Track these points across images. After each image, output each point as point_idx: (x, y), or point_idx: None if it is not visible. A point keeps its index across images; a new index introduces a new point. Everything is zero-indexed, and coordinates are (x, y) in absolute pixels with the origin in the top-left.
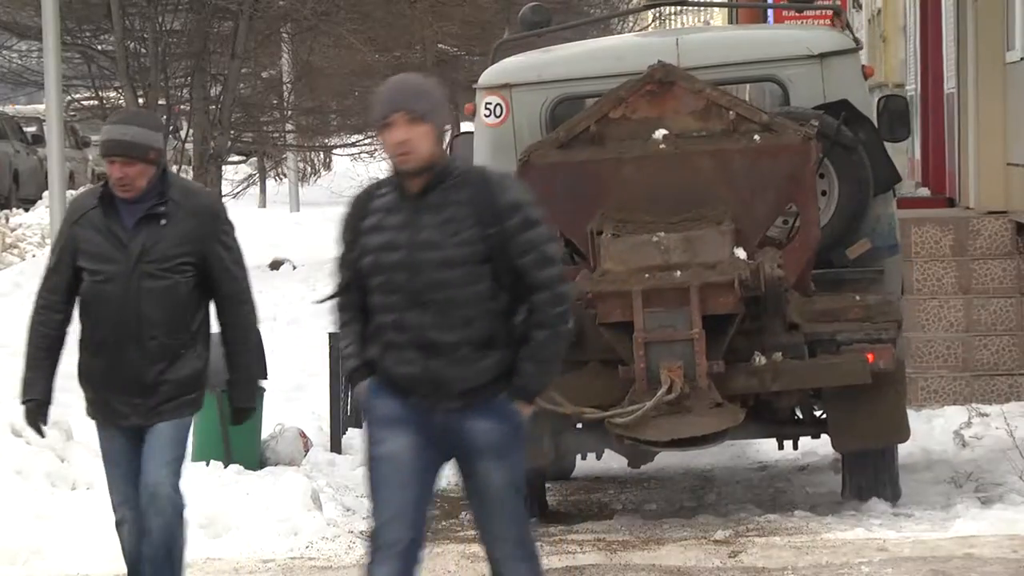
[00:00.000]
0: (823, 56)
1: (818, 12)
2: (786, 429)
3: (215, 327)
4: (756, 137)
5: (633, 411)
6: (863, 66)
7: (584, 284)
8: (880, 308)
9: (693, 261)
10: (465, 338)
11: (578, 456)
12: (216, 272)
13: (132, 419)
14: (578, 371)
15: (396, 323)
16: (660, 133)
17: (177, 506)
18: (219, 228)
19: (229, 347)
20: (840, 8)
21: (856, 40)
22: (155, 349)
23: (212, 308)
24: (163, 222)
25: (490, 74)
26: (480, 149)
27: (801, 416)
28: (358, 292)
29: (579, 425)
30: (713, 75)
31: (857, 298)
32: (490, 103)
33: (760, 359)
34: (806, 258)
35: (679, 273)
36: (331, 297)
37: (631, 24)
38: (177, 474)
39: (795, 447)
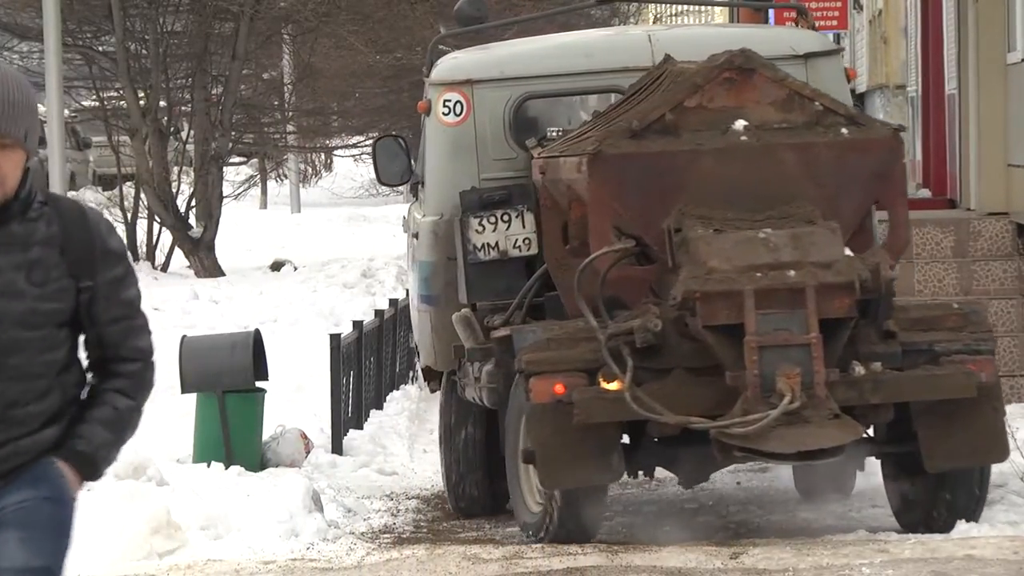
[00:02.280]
0: (808, 56)
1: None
2: (884, 447)
3: (215, 328)
4: (844, 131)
5: (755, 421)
6: (845, 68)
7: (692, 283)
8: (976, 316)
9: (805, 260)
10: (39, 413)
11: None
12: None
13: None
14: (661, 380)
15: None
16: (740, 124)
17: None
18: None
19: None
20: (804, 8)
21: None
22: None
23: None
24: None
25: (449, 69)
26: (435, 150)
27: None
28: None
29: (655, 438)
30: None
31: (955, 306)
32: (449, 100)
33: (859, 369)
34: (894, 262)
35: (792, 273)
36: None
37: (583, 21)
38: None
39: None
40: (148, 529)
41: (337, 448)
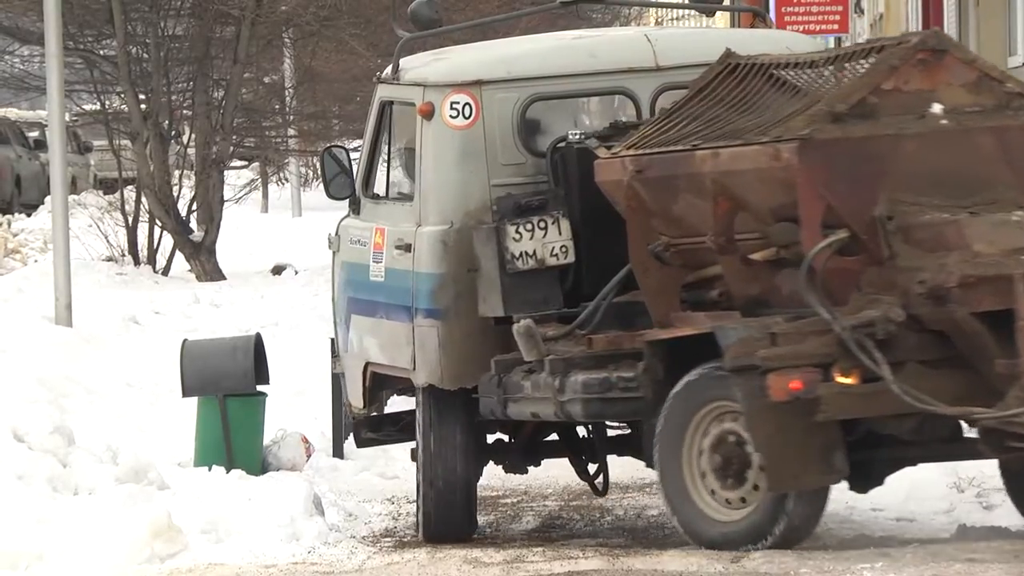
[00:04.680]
0: None
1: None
2: None
3: (216, 332)
4: None
5: None
6: None
7: (965, 267)
8: None
9: None
10: None
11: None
12: None
13: None
14: (898, 373)
15: None
16: (938, 107)
17: None
18: None
19: None
20: (762, 11)
21: None
22: None
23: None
24: None
25: (456, 69)
26: (441, 156)
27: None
28: None
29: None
30: (689, 76)
31: None
32: (457, 102)
33: None
34: None
35: None
36: None
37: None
38: None
39: None
40: (149, 533)
41: (338, 452)
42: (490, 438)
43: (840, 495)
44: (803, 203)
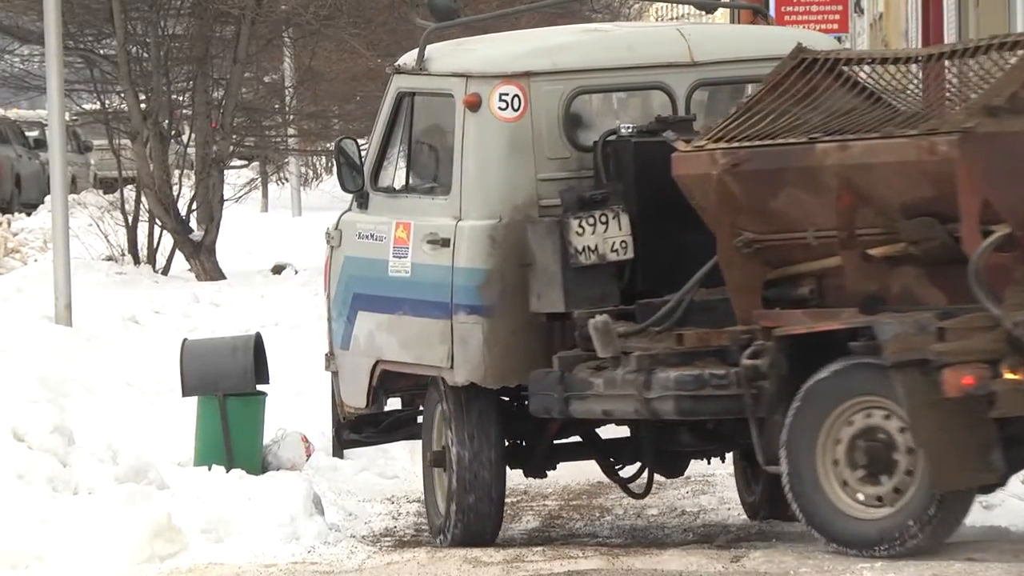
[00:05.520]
0: None
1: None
2: None
3: (216, 332)
4: None
5: None
6: None
7: None
8: None
9: None
10: None
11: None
12: None
13: None
14: None
15: None
16: None
17: None
18: None
19: None
20: (762, 9)
21: None
22: None
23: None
24: None
25: (503, 60)
26: (488, 148)
27: None
28: None
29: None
30: (724, 72)
31: None
32: (507, 94)
33: None
34: None
35: None
36: None
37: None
38: None
39: None
40: (149, 533)
41: (338, 451)
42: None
43: None
44: (963, 197)
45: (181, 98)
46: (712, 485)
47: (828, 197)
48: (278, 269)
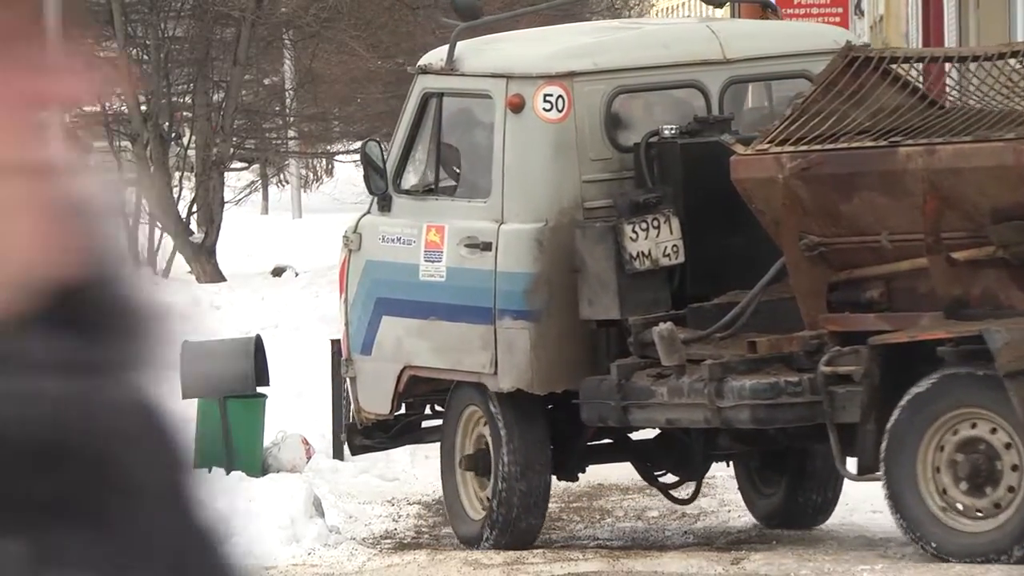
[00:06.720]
0: None
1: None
2: None
3: (217, 334)
4: None
5: None
6: None
7: None
8: None
9: None
10: None
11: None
12: None
13: None
14: None
15: None
16: None
17: None
18: None
19: None
20: (771, 3)
21: None
22: None
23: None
24: None
25: (545, 60)
26: (533, 149)
27: None
28: None
29: None
30: (756, 69)
31: None
32: (551, 95)
33: None
34: None
35: None
36: None
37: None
38: None
39: None
40: None
41: (338, 453)
42: None
43: (841, 496)
44: None
45: (181, 100)
46: (712, 487)
47: (908, 200)
48: (278, 271)
